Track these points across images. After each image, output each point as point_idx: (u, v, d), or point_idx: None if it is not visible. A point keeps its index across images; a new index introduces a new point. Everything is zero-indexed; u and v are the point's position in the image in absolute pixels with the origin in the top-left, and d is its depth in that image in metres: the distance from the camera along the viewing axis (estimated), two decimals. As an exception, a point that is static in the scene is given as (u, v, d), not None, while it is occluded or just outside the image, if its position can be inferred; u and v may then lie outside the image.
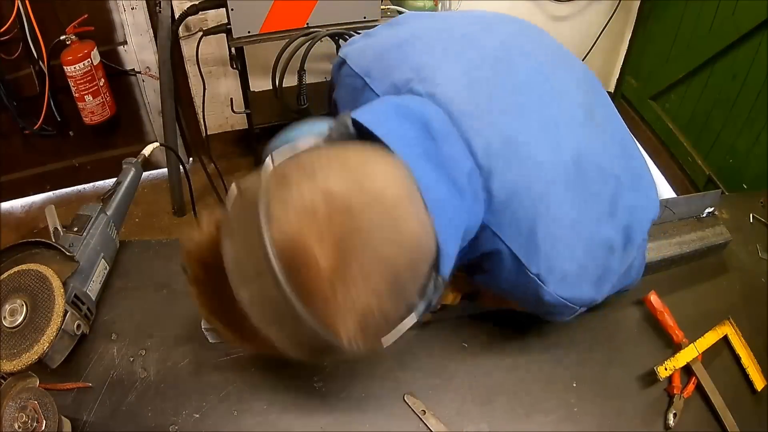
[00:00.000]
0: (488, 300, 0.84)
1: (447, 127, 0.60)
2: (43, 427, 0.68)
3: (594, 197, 0.64)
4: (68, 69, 1.80)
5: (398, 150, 0.52)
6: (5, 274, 0.78)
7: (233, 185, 0.49)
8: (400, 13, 1.72)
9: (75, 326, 0.79)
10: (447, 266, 0.54)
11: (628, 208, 0.66)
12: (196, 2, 1.70)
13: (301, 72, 1.68)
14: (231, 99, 1.98)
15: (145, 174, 1.04)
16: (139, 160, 1.00)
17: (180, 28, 1.84)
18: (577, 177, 0.63)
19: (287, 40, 1.63)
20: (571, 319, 0.70)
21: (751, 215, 1.10)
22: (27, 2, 1.70)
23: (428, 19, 0.77)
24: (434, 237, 0.51)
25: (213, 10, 1.75)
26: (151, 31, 1.96)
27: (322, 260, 0.42)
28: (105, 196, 0.95)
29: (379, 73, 0.70)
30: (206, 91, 1.96)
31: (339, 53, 0.78)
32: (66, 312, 0.77)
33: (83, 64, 1.81)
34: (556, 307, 0.65)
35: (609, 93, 2.54)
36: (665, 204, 0.97)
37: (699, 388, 0.82)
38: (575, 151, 0.63)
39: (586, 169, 0.63)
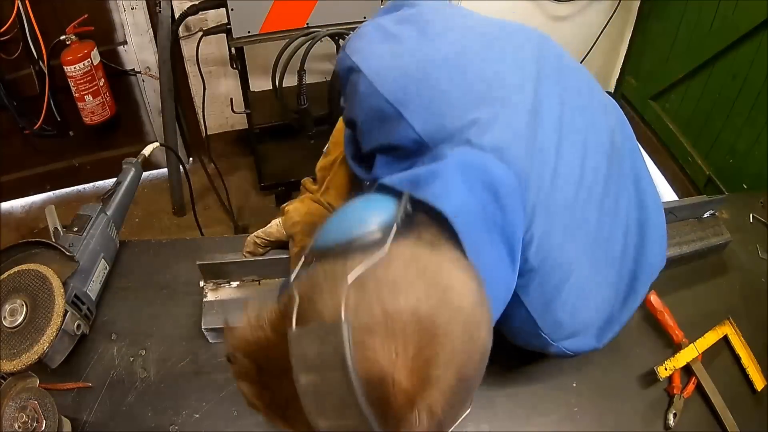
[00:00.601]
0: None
1: (514, 193, 0.56)
2: (43, 427, 0.68)
3: (609, 255, 0.66)
4: (68, 69, 1.80)
5: (464, 232, 0.50)
6: (5, 274, 0.78)
7: (292, 289, 0.45)
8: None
9: (75, 326, 0.79)
10: None
11: (636, 261, 0.68)
12: (196, 2, 1.70)
13: (301, 72, 1.68)
14: (231, 99, 1.97)
15: (145, 174, 1.04)
16: (139, 160, 1.00)
17: (180, 28, 1.84)
18: (598, 237, 0.64)
19: (287, 40, 1.63)
20: None
21: (751, 215, 1.10)
22: (27, 2, 1.69)
23: (460, 20, 0.69)
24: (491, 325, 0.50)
25: (213, 10, 1.74)
26: (151, 31, 1.95)
27: (406, 385, 0.40)
28: (105, 196, 0.95)
29: (420, 106, 0.60)
30: (206, 91, 1.96)
31: (347, 51, 0.66)
32: (66, 312, 0.77)
33: (83, 64, 1.81)
34: (559, 355, 0.68)
35: (609, 93, 2.54)
36: (669, 210, 0.98)
37: (699, 388, 0.82)
38: (601, 211, 0.64)
39: (606, 227, 0.65)
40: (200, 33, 1.80)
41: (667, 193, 2.15)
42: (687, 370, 0.84)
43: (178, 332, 0.87)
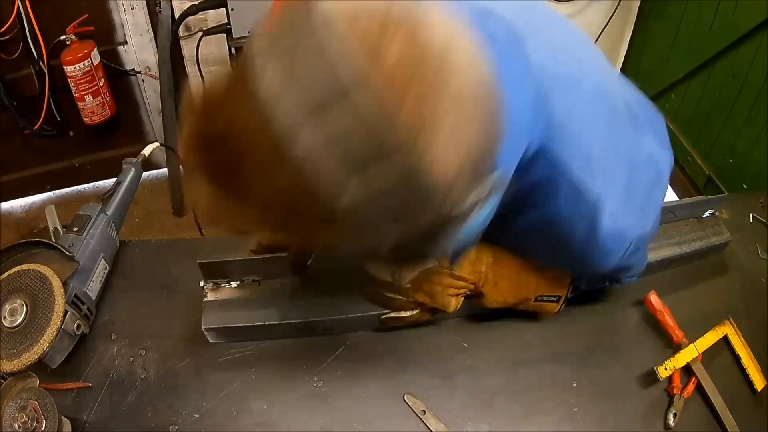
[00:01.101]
0: (491, 300, 0.84)
1: (511, 42, 0.57)
2: (43, 427, 0.68)
3: (626, 126, 0.69)
4: (68, 69, 1.80)
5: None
6: (5, 274, 0.78)
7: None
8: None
9: (75, 326, 0.79)
10: (510, 161, 0.56)
11: (650, 147, 0.73)
12: (196, 2, 1.70)
13: (301, 72, 1.68)
14: (231, 99, 1.97)
15: (145, 174, 1.04)
16: (139, 160, 1.00)
17: (180, 28, 1.84)
18: (614, 107, 0.67)
19: (287, 40, 1.63)
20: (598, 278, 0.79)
21: (751, 215, 1.10)
22: (27, 2, 1.70)
23: None
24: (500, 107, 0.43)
25: (213, 10, 1.74)
26: (151, 31, 1.96)
27: (398, 53, 0.35)
28: (105, 196, 0.95)
29: None
30: (206, 91, 1.96)
31: None
32: (66, 312, 0.77)
33: (83, 64, 1.81)
34: (606, 243, 0.65)
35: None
36: (669, 209, 0.98)
37: (699, 388, 0.82)
38: (608, 83, 0.68)
39: (617, 102, 0.69)
40: (200, 33, 1.80)
41: (667, 193, 2.15)
42: (687, 370, 0.84)
43: (178, 332, 0.87)
